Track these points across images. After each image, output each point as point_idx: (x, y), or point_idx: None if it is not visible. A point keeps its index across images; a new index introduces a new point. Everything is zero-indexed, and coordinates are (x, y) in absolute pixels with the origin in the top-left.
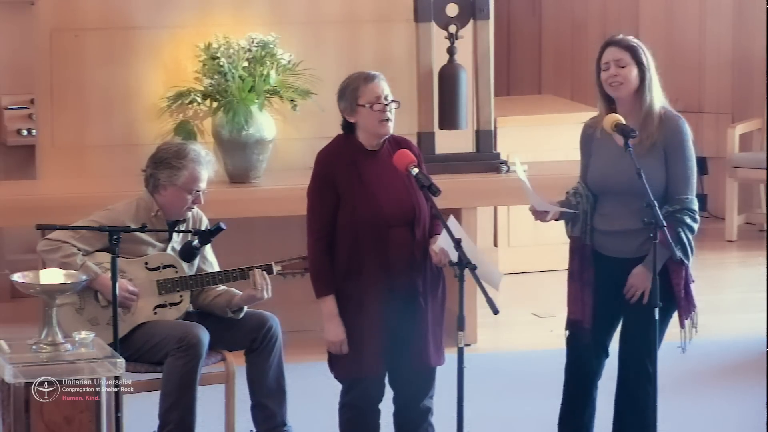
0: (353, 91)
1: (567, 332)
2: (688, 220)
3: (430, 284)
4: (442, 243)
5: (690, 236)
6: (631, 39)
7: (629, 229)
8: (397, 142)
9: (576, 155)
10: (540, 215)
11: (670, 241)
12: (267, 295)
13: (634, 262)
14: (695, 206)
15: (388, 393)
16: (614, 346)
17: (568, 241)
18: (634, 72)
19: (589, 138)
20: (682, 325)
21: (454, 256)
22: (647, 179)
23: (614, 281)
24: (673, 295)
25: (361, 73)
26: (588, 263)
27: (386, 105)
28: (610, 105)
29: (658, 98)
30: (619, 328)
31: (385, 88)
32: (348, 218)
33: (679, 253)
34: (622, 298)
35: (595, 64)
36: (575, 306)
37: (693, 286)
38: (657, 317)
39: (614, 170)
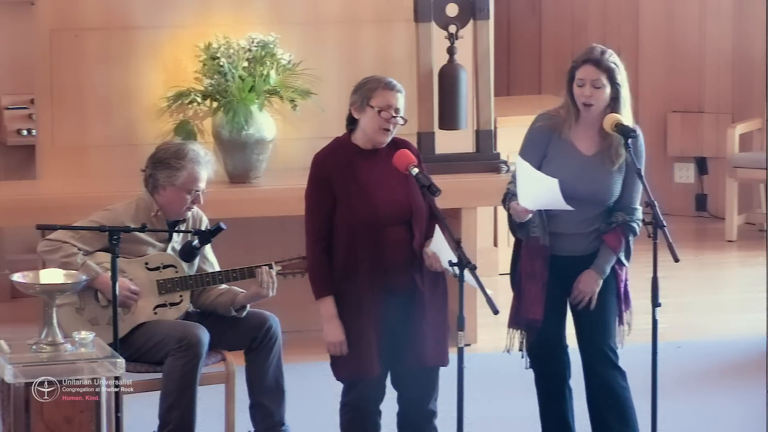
0: (369, 90)
1: (522, 332)
2: (637, 229)
3: (428, 283)
4: (434, 246)
5: (632, 241)
6: (610, 58)
7: (579, 233)
8: (395, 143)
9: None
10: (523, 214)
11: (666, 235)
12: (272, 293)
13: (582, 260)
14: (641, 215)
15: (391, 393)
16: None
17: None
18: (607, 92)
19: (546, 137)
20: (620, 323)
21: (444, 262)
22: (611, 189)
23: (560, 277)
24: (618, 292)
25: (385, 78)
26: (547, 264)
27: (393, 117)
28: (577, 112)
29: (628, 116)
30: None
31: (400, 101)
32: (344, 218)
33: (623, 257)
34: (570, 292)
35: (568, 72)
36: (536, 306)
37: (629, 285)
38: (657, 317)
39: (579, 180)
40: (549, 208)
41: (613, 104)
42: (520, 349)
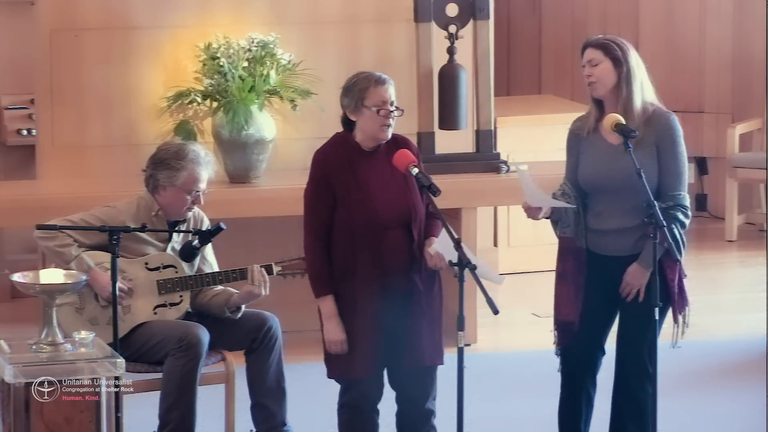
0: (361, 91)
1: (555, 333)
2: (681, 217)
3: (425, 284)
4: (438, 246)
5: (682, 232)
6: (608, 37)
7: (623, 228)
8: (396, 141)
9: None
10: (533, 212)
11: (669, 239)
12: (265, 291)
13: (629, 260)
14: (687, 202)
15: (389, 393)
16: (610, 344)
17: None
18: (608, 69)
19: (577, 138)
20: (675, 321)
21: (452, 257)
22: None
23: (608, 280)
24: (668, 291)
25: (372, 74)
26: (583, 266)
27: (391, 112)
28: (600, 105)
29: (639, 93)
30: (615, 327)
31: (392, 93)
32: (344, 219)
33: (673, 249)
34: (617, 296)
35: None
36: (568, 308)
37: (686, 282)
38: (657, 317)
39: (608, 168)
40: (555, 206)
41: (621, 83)
42: (557, 353)
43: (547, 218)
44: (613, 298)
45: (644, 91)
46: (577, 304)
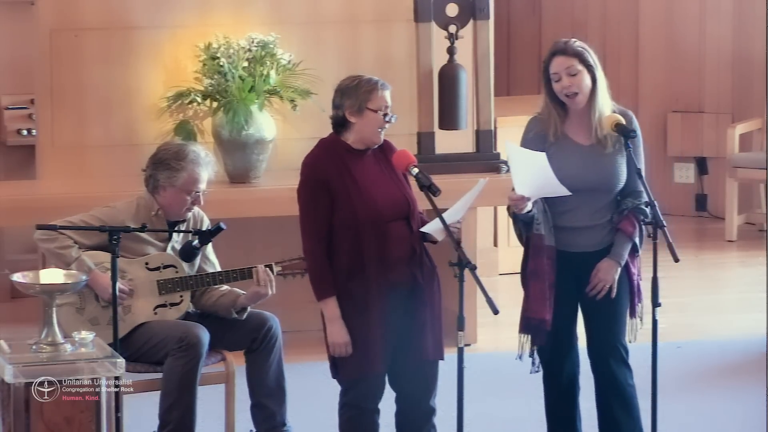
0: (366, 93)
1: (528, 334)
2: (647, 211)
3: (426, 278)
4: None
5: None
6: (576, 44)
7: (593, 225)
8: (380, 145)
9: None
10: (520, 202)
11: (666, 235)
12: (271, 291)
13: (594, 255)
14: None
15: (390, 393)
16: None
17: None
18: (586, 78)
19: (541, 141)
20: (632, 315)
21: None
22: (617, 173)
23: (573, 274)
24: (630, 286)
25: (373, 78)
26: (554, 263)
27: (391, 116)
28: (563, 109)
29: (606, 98)
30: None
31: (389, 98)
32: (346, 218)
33: (638, 241)
34: (581, 290)
35: (542, 75)
36: (542, 306)
37: (641, 278)
38: (657, 317)
39: (584, 169)
40: (546, 195)
41: (594, 88)
42: (531, 355)
43: (528, 212)
44: (576, 292)
45: (607, 95)
46: (550, 301)
